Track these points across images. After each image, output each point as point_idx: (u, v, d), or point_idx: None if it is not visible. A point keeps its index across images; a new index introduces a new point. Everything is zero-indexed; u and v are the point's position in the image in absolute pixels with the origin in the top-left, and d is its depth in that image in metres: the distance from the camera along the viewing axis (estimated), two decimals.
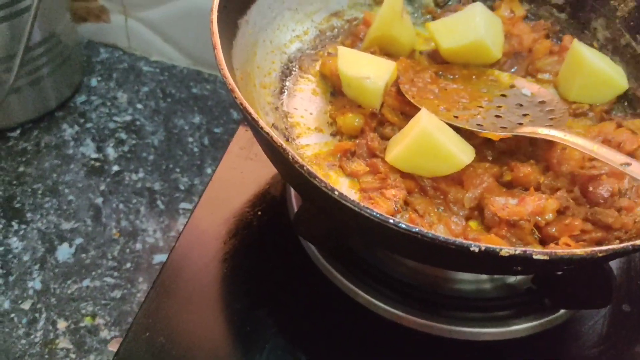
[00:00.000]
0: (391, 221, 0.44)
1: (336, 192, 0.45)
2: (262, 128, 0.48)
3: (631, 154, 0.63)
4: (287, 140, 0.64)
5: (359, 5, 0.78)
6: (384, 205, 0.56)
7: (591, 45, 0.74)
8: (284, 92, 0.69)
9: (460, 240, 0.43)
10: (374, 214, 0.44)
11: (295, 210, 0.67)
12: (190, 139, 1.02)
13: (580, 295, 0.58)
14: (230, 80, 0.52)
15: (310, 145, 0.64)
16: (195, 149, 1.00)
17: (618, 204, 0.57)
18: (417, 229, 0.44)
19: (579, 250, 0.44)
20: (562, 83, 0.72)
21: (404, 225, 0.44)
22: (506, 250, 0.43)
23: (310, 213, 0.59)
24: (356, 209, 0.45)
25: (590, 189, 0.57)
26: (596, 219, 0.55)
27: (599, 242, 0.55)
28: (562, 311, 0.63)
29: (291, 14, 0.73)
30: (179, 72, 1.12)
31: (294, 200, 0.70)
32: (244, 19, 0.66)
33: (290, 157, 0.47)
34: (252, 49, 0.67)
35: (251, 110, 0.49)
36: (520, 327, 0.62)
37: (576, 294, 0.58)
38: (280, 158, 0.48)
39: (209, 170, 0.97)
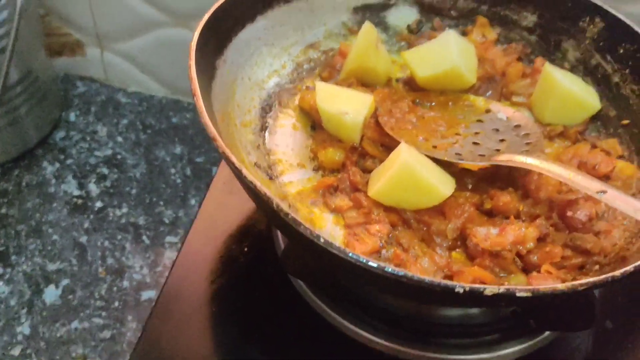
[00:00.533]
0: (377, 266, 0.45)
1: (321, 239, 0.46)
2: (245, 177, 0.49)
3: (607, 176, 0.64)
4: (271, 178, 0.64)
5: (335, 35, 0.79)
6: (369, 241, 0.57)
7: (562, 67, 0.76)
8: (265, 128, 0.70)
9: (445, 282, 0.44)
10: (361, 259, 0.45)
11: (282, 246, 0.68)
12: (173, 170, 1.02)
13: (564, 318, 0.59)
14: (212, 129, 0.52)
15: (293, 182, 0.65)
16: (178, 180, 1.00)
17: (596, 227, 0.59)
18: (402, 273, 0.45)
19: (561, 286, 0.45)
20: (535, 105, 0.73)
21: (390, 270, 0.45)
22: (490, 289, 0.44)
23: (297, 252, 0.60)
24: (342, 255, 0.45)
25: (569, 213, 0.59)
26: (575, 245, 0.57)
27: (580, 267, 0.57)
28: (547, 332, 0.65)
29: (268, 49, 0.74)
30: (158, 102, 1.13)
31: (280, 235, 0.70)
32: (221, 58, 0.67)
33: (275, 205, 0.48)
34: (231, 88, 0.68)
35: (234, 159, 0.50)
36: (509, 351, 0.63)
37: (559, 317, 0.59)
38: (265, 206, 0.49)
39: (193, 202, 0.98)
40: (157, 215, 0.95)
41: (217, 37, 0.66)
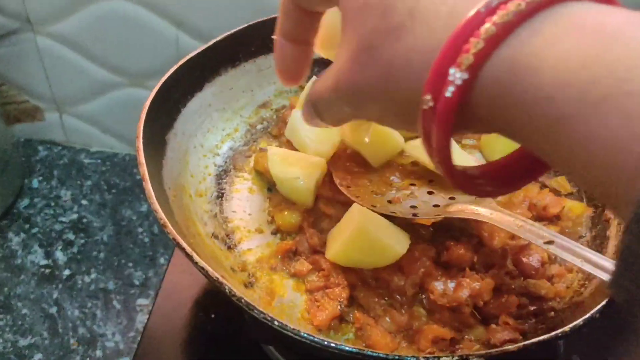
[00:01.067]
0: (333, 345, 0.46)
1: (276, 323, 0.47)
2: (197, 263, 0.50)
3: (557, 216, 0.66)
4: (229, 248, 0.65)
5: (285, 92, 0.80)
6: (329, 307, 0.58)
7: None
8: (221, 195, 0.70)
9: (398, 356, 0.45)
10: (316, 340, 0.46)
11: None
12: (140, 229, 1.02)
13: None
14: (161, 214, 0.53)
15: (252, 250, 0.65)
16: (146, 239, 1.01)
17: (549, 271, 0.60)
18: (357, 350, 0.45)
19: (512, 347, 0.46)
20: (485, 147, 0.75)
21: (346, 348, 0.46)
22: (445, 359, 0.45)
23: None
24: (297, 337, 0.46)
25: (522, 261, 0.60)
26: (530, 291, 0.58)
27: (536, 314, 0.58)
28: None
29: (219, 114, 0.75)
30: (121, 159, 1.13)
31: None
32: (171, 132, 0.67)
33: (227, 290, 0.48)
34: (184, 158, 0.69)
35: (185, 245, 0.51)
36: None
37: None
38: (219, 290, 0.49)
39: (162, 260, 0.98)
40: (127, 278, 0.95)
41: (165, 112, 0.67)
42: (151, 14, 0.92)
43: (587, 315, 0.48)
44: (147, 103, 0.63)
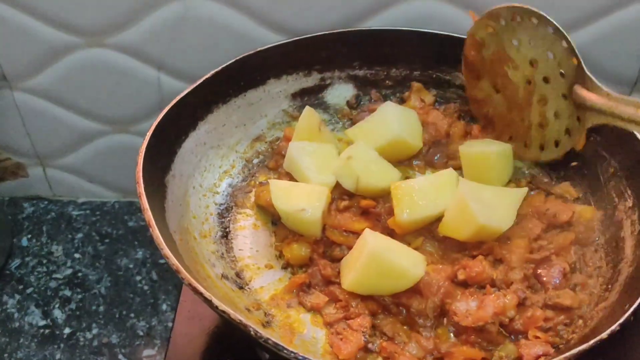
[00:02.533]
0: None
1: None
2: (217, 307, 0.48)
3: (568, 223, 0.65)
4: (241, 287, 0.63)
5: (278, 124, 0.79)
6: (353, 339, 0.56)
7: None
8: (226, 235, 0.68)
9: None
10: None
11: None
12: (138, 277, 0.99)
13: None
14: (173, 260, 0.51)
15: (264, 287, 0.64)
16: (146, 287, 0.98)
17: (572, 280, 0.59)
18: None
19: None
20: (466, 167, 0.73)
21: None
22: None
23: None
24: None
25: (543, 273, 0.59)
26: (555, 304, 0.57)
27: (566, 325, 0.57)
28: None
29: (215, 151, 0.73)
30: (111, 207, 1.10)
31: None
32: (170, 174, 0.66)
33: (253, 332, 0.47)
34: (184, 200, 0.67)
35: (202, 289, 0.49)
36: None
37: None
38: (243, 332, 0.48)
39: (164, 307, 0.95)
40: (130, 330, 0.92)
41: (162, 155, 0.65)
42: (130, 58, 0.91)
43: (622, 319, 0.47)
44: (143, 147, 0.62)
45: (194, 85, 0.70)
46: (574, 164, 0.70)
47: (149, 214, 0.55)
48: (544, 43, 0.64)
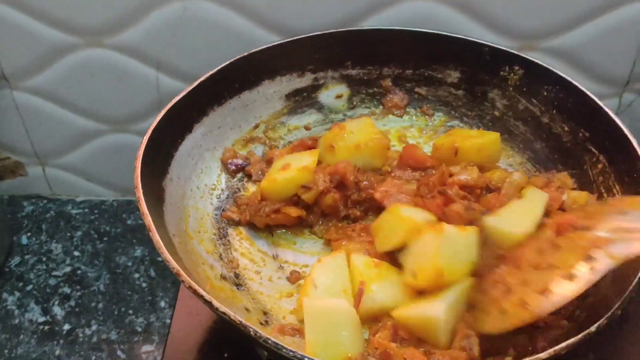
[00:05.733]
0: None
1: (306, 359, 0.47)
2: (217, 309, 0.50)
3: (561, 209, 0.67)
4: (238, 286, 0.65)
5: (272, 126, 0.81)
6: None
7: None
8: (224, 235, 0.70)
9: None
10: None
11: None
12: (136, 275, 1.01)
13: None
14: (174, 264, 0.53)
15: (263, 286, 0.65)
16: (144, 284, 0.99)
17: None
18: None
19: (543, 355, 0.47)
20: None
21: None
22: None
23: None
24: None
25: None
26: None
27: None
28: None
29: (210, 153, 0.75)
30: (109, 206, 1.12)
31: None
32: (167, 178, 0.67)
33: (253, 333, 0.48)
34: (182, 203, 0.69)
35: (202, 292, 0.51)
36: None
37: None
38: (243, 334, 0.49)
39: (162, 304, 0.97)
40: (129, 326, 0.94)
41: (159, 159, 0.67)
42: (129, 58, 0.92)
43: (609, 312, 0.49)
44: (140, 152, 0.63)
45: (189, 88, 0.72)
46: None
47: (148, 219, 0.57)
48: None
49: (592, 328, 0.49)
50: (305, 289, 0.61)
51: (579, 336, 0.49)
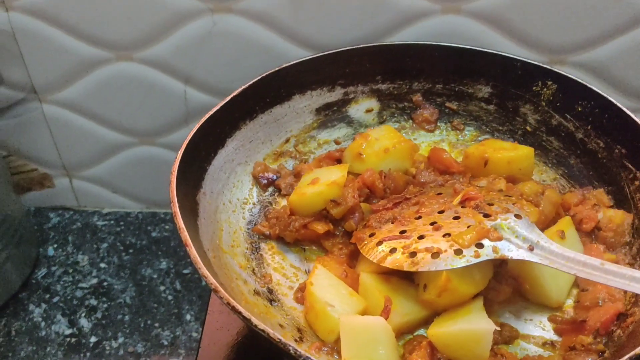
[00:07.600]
0: None
1: None
2: (256, 326, 0.49)
3: (597, 228, 0.66)
4: (271, 302, 0.64)
5: (302, 139, 0.81)
6: None
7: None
8: (257, 249, 0.70)
9: None
10: None
11: None
12: (162, 287, 1.01)
13: None
14: (211, 279, 0.52)
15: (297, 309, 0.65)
16: (170, 297, 0.99)
17: None
18: None
19: None
20: None
21: None
22: None
23: None
24: None
25: None
26: None
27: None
28: None
29: (242, 167, 0.75)
30: (135, 218, 1.12)
31: None
32: (201, 192, 0.67)
33: (292, 351, 0.48)
34: (215, 217, 0.69)
35: (241, 308, 0.50)
36: None
37: None
38: (272, 345, 0.49)
39: (188, 317, 0.97)
40: (155, 339, 0.94)
41: (193, 173, 0.67)
42: (158, 72, 0.92)
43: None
44: (175, 166, 0.63)
45: (222, 103, 0.72)
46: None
47: (185, 234, 0.56)
48: None
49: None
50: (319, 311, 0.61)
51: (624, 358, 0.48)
